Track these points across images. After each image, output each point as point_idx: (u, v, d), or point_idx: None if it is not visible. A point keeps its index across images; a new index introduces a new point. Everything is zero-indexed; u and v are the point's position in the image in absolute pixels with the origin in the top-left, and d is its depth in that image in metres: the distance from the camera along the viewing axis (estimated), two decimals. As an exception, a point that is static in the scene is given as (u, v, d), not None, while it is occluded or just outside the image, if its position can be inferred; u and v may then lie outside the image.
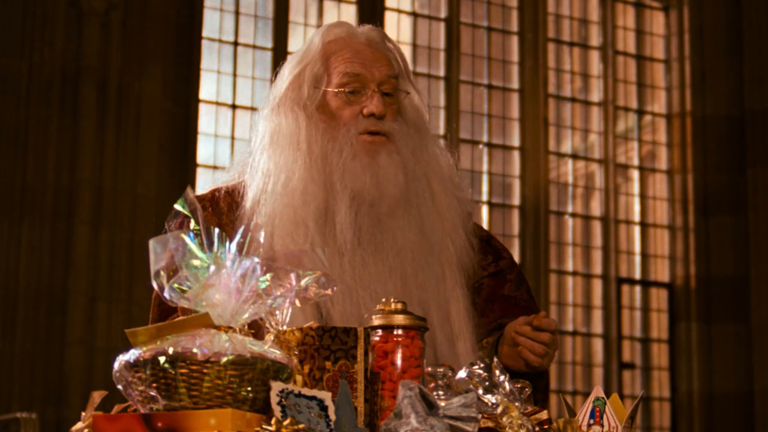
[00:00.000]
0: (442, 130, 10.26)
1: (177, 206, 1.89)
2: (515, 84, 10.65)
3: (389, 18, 10.23)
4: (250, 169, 2.68)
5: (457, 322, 2.59)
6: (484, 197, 10.40)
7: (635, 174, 11.08)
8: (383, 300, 2.07)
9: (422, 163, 2.69)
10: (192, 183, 8.61)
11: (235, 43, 9.57)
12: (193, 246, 1.80)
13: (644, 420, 10.69)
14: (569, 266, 10.69)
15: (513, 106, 10.63)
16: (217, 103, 9.40)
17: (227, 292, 1.79)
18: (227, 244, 1.82)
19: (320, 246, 2.48)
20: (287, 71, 2.73)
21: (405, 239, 2.59)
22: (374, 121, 2.64)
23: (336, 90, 2.66)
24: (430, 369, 1.96)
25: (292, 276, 1.87)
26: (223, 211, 2.66)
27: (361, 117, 2.64)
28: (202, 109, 9.26)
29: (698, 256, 10.58)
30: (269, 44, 9.69)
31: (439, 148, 2.78)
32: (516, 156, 10.55)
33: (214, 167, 9.18)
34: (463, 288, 2.65)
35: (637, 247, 10.95)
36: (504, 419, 1.91)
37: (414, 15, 10.46)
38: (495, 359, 2.07)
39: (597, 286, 10.75)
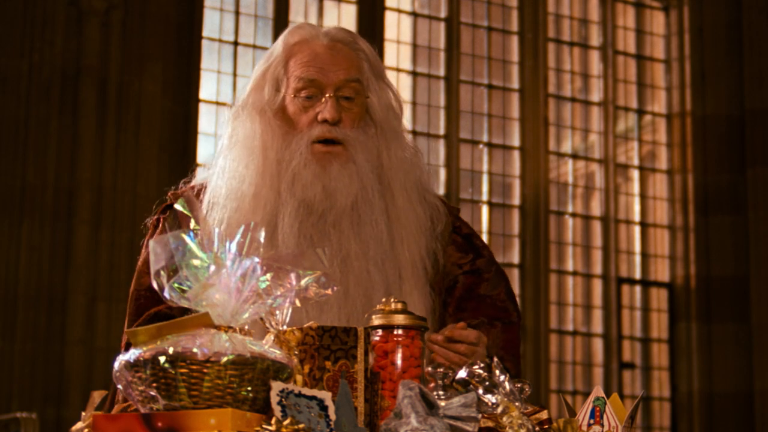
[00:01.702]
0: (442, 130, 10.27)
1: (177, 206, 1.89)
2: (515, 84, 10.65)
3: (389, 18, 10.23)
4: (210, 171, 2.68)
5: None
6: (485, 197, 10.40)
7: (635, 174, 11.07)
8: (383, 300, 2.08)
9: (385, 167, 2.67)
10: (192, 183, 8.60)
11: (236, 43, 9.57)
12: (193, 246, 1.80)
13: (644, 420, 10.69)
14: (569, 266, 10.69)
15: (513, 106, 10.63)
16: (218, 103, 9.40)
17: (227, 292, 1.80)
18: (227, 243, 1.82)
19: (266, 251, 2.49)
20: (254, 73, 2.73)
21: (349, 248, 2.57)
22: (328, 127, 2.62)
23: (292, 95, 2.65)
24: (430, 369, 1.96)
25: (292, 276, 1.87)
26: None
27: (316, 123, 2.62)
28: (202, 108, 9.25)
29: (698, 256, 10.58)
30: (269, 44, 9.66)
31: (409, 149, 2.74)
32: (516, 156, 10.55)
33: (214, 167, 9.18)
34: (421, 292, 2.62)
35: (637, 246, 10.95)
36: (504, 419, 1.91)
37: (414, 15, 10.46)
38: (495, 359, 2.07)
39: (597, 285, 10.75)
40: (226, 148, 2.67)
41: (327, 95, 2.63)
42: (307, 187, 2.58)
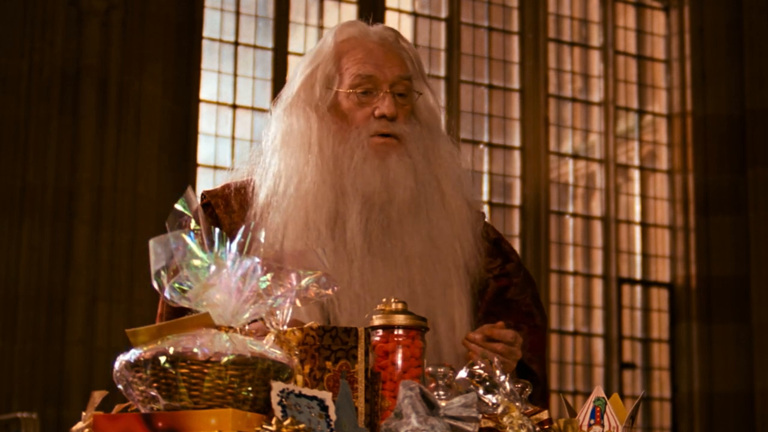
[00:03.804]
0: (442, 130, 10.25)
1: (178, 206, 1.89)
2: (516, 84, 10.65)
3: (390, 18, 10.23)
4: (260, 170, 2.66)
5: (460, 327, 2.57)
6: (485, 197, 10.39)
7: (636, 174, 11.07)
8: (383, 300, 2.07)
9: (434, 165, 2.68)
10: (192, 183, 8.61)
11: (236, 43, 9.56)
12: (193, 246, 1.80)
13: (645, 420, 10.69)
14: (570, 266, 10.69)
15: (514, 106, 10.63)
16: (218, 103, 9.40)
17: (228, 292, 1.79)
18: (228, 244, 1.82)
19: (332, 251, 2.47)
20: (299, 71, 2.71)
21: (413, 246, 2.57)
22: (386, 122, 2.62)
23: (348, 91, 2.64)
24: (430, 369, 1.96)
25: (293, 276, 1.87)
26: (234, 209, 2.64)
27: (373, 118, 2.63)
28: (203, 108, 9.25)
29: (699, 256, 10.58)
30: (270, 44, 9.68)
31: (452, 149, 2.77)
32: (517, 156, 10.55)
33: (215, 167, 9.18)
34: (467, 294, 2.63)
35: (637, 247, 10.95)
36: (504, 419, 1.90)
37: (414, 15, 10.46)
38: (495, 359, 2.07)
39: (597, 286, 10.75)
40: (278, 146, 2.65)
41: (384, 91, 2.63)
42: (368, 180, 2.58)
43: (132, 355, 1.73)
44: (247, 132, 9.41)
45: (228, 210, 2.65)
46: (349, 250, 2.52)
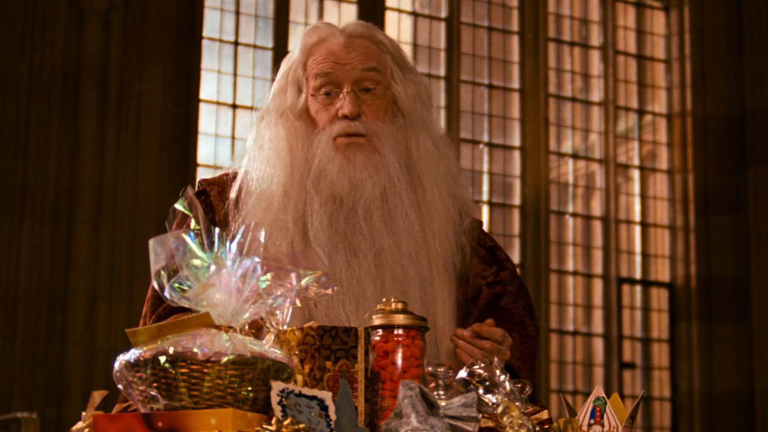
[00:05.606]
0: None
1: (177, 206, 1.89)
2: (516, 84, 10.65)
3: (390, 18, 10.24)
4: (243, 167, 2.69)
5: (441, 323, 2.55)
6: (485, 197, 10.40)
7: (636, 174, 11.07)
8: (383, 300, 2.07)
9: (414, 159, 2.66)
10: (192, 183, 8.59)
11: (236, 43, 9.56)
12: (193, 246, 1.80)
13: (645, 420, 10.69)
14: (570, 266, 10.69)
15: (513, 105, 10.63)
16: (218, 103, 9.39)
17: (228, 292, 1.79)
18: (227, 243, 1.82)
19: (302, 248, 2.49)
20: (277, 76, 2.73)
21: (382, 242, 2.56)
22: (348, 123, 2.61)
23: (312, 94, 2.65)
24: (430, 368, 1.96)
25: (293, 276, 1.87)
26: (229, 196, 2.66)
27: (337, 119, 2.62)
28: (203, 108, 9.25)
29: (699, 256, 10.58)
30: (270, 44, 9.69)
31: (440, 141, 2.73)
32: (516, 156, 10.55)
33: (215, 167, 9.18)
34: (450, 289, 2.62)
35: (637, 246, 10.95)
36: (504, 419, 1.91)
37: (414, 15, 10.46)
38: (495, 359, 2.07)
39: (597, 285, 10.75)
40: (250, 149, 2.69)
41: (345, 90, 2.63)
42: (335, 181, 2.58)
43: (132, 354, 1.73)
44: (247, 132, 9.40)
45: (222, 197, 2.67)
46: (315, 247, 2.51)
